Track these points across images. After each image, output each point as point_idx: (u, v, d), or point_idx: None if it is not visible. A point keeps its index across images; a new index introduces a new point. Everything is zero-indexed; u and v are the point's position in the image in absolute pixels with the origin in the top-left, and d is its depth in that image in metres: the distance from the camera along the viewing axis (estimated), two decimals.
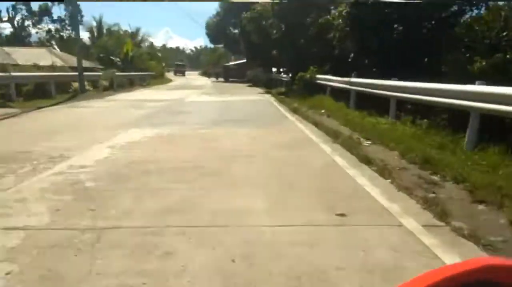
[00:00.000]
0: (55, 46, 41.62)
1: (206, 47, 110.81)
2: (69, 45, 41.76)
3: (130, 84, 30.80)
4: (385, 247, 2.96)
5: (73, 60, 30.58)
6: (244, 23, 28.18)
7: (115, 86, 26.26)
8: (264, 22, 24.07)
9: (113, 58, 38.22)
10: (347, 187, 4.56)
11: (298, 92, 18.11)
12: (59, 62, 27.23)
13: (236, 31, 44.50)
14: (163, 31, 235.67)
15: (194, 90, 25.87)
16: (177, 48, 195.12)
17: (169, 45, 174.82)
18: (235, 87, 30.93)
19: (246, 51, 40.44)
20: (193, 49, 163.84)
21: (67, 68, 25.88)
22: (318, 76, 17.33)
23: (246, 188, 4.52)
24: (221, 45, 54.14)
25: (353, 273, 2.59)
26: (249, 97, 19.57)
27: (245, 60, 59.23)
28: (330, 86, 15.48)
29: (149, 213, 3.67)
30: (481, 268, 0.57)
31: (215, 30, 49.09)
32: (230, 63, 70.87)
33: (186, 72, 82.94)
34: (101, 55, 38.95)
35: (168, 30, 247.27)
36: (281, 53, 25.55)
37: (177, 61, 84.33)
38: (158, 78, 44.17)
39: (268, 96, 20.68)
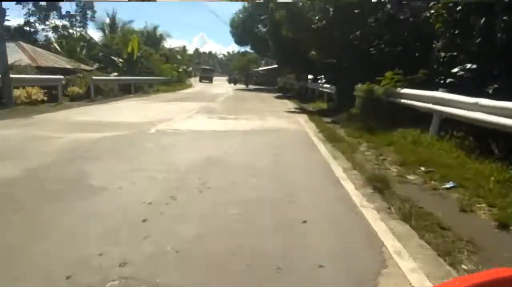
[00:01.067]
0: (55, 44, 34.83)
1: (239, 52, 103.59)
2: (70, 42, 34.97)
3: (124, 91, 23.33)
4: None
5: (50, 59, 23.43)
6: (272, 7, 19.99)
7: (92, 95, 18.71)
8: (301, 4, 15.79)
9: (114, 58, 31.01)
10: None
11: (360, 119, 9.85)
12: (24, 61, 19.99)
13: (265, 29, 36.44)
14: (198, 36, 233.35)
15: (199, 104, 17.89)
16: (210, 53, 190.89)
17: (203, 50, 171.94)
18: (258, 100, 22.77)
19: (275, 52, 32.33)
20: (226, 54, 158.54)
21: (30, 69, 18.61)
22: (407, 91, 8.94)
23: None
24: (247, 47, 45.91)
25: None
26: (272, 122, 11.39)
27: (276, 66, 51.56)
28: (450, 115, 7.11)
29: None
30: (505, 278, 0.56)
31: (240, 28, 41.18)
32: (260, 68, 63.21)
33: (215, 78, 75.23)
34: (101, 54, 31.81)
35: (204, 35, 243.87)
36: (323, 52, 17.18)
37: (203, 66, 76.80)
38: (173, 85, 36.76)
39: (303, 120, 12.35)
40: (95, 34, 68.72)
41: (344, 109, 13.45)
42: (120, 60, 31.19)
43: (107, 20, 42.54)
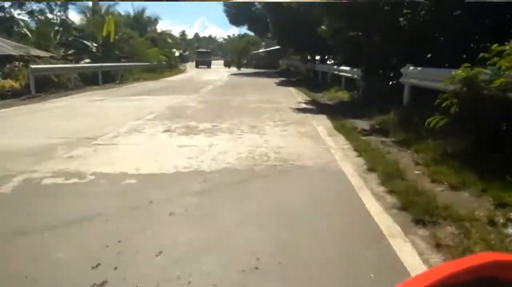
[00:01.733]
0: (25, 29, 29.73)
1: (239, 35, 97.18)
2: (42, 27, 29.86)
3: (90, 82, 18.42)
4: None
5: None
6: None
7: (33, 90, 13.76)
8: None
9: (87, 43, 25.92)
10: None
11: (451, 135, 4.83)
12: None
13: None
14: (199, 21, 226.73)
15: (172, 99, 12.89)
16: (210, 37, 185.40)
17: (203, 35, 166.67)
18: (256, 88, 17.68)
19: (275, 30, 27.28)
20: (226, 37, 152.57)
21: None
22: None
23: None
24: (244, 27, 40.18)
25: None
26: (274, 142, 6.31)
27: (277, 47, 46.25)
28: None
29: None
30: (484, 264, 0.56)
31: (235, 6, 35.77)
32: (260, 50, 57.66)
33: (215, 62, 68.91)
34: (70, 39, 26.68)
35: (204, 19, 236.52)
36: (340, 22, 12.06)
37: (200, 49, 69.80)
38: (161, 71, 31.73)
39: (324, 130, 7.31)
40: (77, 19, 62.99)
41: (380, 104, 8.51)
42: (94, 44, 26.11)
43: (90, 3, 37.17)
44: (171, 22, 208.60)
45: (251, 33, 58.88)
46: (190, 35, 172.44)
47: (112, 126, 7.36)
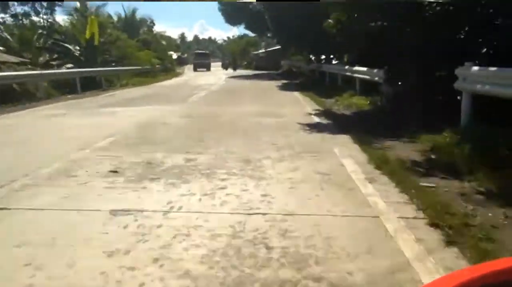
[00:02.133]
0: (5, 33, 27.32)
1: (239, 36, 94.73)
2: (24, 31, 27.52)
3: (69, 89, 15.98)
4: None
5: None
6: None
7: None
8: None
9: (69, 47, 23.43)
10: None
11: None
12: None
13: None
14: (198, 24, 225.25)
15: (151, 111, 10.48)
16: (209, 38, 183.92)
17: (203, 37, 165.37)
18: (255, 95, 15.21)
19: (275, 29, 24.88)
20: (226, 39, 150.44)
21: None
22: None
23: None
24: (241, 26, 37.52)
25: None
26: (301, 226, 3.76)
27: (278, 47, 43.73)
28: None
29: None
30: (509, 269, 0.54)
31: (230, 4, 33.26)
32: (260, 51, 55.05)
33: (214, 64, 65.97)
34: (50, 42, 24.22)
35: (203, 22, 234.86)
36: (359, 12, 9.47)
37: (198, 50, 66.51)
38: (154, 75, 29.31)
39: (362, 178, 4.69)
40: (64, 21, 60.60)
41: (416, 116, 6.02)
42: (77, 48, 23.63)
43: (78, 4, 34.69)
44: (170, 25, 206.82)
45: (251, 34, 56.68)
46: (189, 37, 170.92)
47: (31, 165, 4.81)
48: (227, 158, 5.08)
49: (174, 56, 48.54)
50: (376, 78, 10.35)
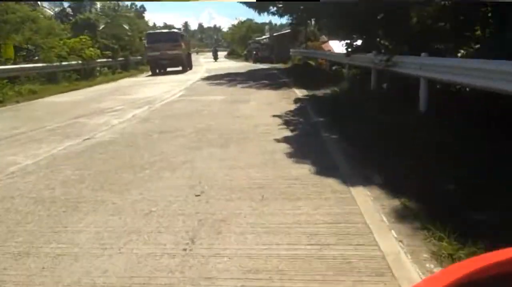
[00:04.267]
0: None
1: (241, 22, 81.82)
2: None
3: None
4: None
5: None
6: None
7: None
8: None
9: None
10: None
11: None
12: None
13: None
14: (206, 12, 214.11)
15: None
16: (215, 26, 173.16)
17: (211, 25, 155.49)
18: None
19: None
20: (231, 26, 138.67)
21: None
22: None
23: None
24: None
25: None
26: None
27: (287, 31, 31.03)
28: None
29: None
30: (509, 260, 0.54)
31: None
32: (263, 36, 42.28)
33: (203, 55, 53.17)
34: None
35: (211, 11, 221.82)
36: None
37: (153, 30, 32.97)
38: (95, 76, 17.33)
39: None
40: None
41: None
42: None
43: None
44: (175, 15, 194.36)
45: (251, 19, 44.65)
46: (194, 26, 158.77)
47: None
48: None
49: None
50: None
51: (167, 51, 21.38)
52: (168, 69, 22.64)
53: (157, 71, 22.05)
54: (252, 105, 8.68)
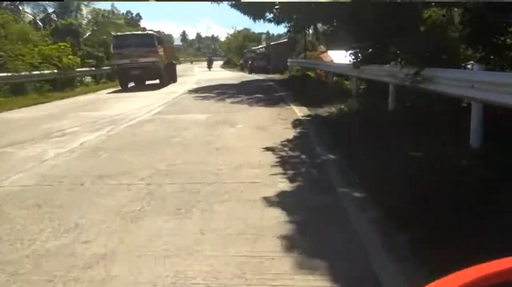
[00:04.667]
0: None
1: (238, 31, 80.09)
2: None
3: None
4: None
5: None
6: None
7: None
8: None
9: None
10: None
11: None
12: None
13: None
14: (204, 22, 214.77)
15: None
16: (212, 36, 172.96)
17: (209, 35, 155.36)
18: None
19: None
20: (229, 36, 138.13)
21: None
22: None
23: None
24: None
25: None
26: None
27: (284, 40, 29.52)
28: None
29: None
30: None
31: None
32: (260, 46, 40.59)
33: (198, 64, 50.97)
34: None
35: (209, 20, 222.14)
36: None
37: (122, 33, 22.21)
38: (73, 87, 15.47)
39: None
40: None
41: None
42: None
43: None
44: (174, 23, 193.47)
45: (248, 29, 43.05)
46: (192, 35, 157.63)
47: None
48: None
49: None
50: None
51: (139, 59, 16.77)
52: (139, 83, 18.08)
53: (128, 84, 17.40)
54: (239, 130, 6.75)
